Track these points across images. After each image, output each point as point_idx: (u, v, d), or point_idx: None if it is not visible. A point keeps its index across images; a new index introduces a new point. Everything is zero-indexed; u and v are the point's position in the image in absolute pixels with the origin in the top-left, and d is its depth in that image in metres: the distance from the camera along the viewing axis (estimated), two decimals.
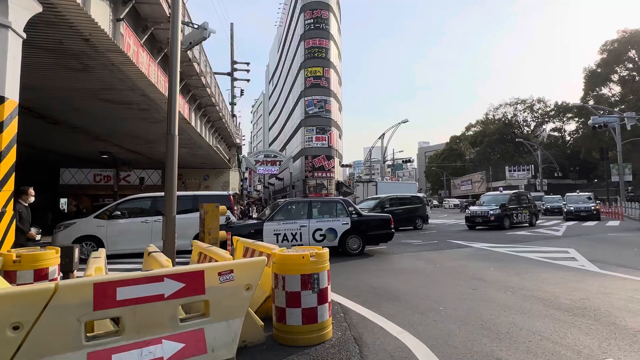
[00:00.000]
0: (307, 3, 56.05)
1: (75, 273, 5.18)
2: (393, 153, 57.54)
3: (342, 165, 57.27)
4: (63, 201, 28.50)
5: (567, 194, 25.12)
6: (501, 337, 3.56)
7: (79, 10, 6.57)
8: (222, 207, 6.44)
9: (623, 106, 42.02)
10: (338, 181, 55.35)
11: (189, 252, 7.23)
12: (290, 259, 3.60)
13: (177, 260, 6.54)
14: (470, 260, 8.31)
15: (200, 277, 2.96)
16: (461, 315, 4.26)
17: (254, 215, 24.79)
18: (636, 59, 47.37)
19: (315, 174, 52.16)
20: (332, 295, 5.11)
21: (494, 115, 68.73)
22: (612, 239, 11.65)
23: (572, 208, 22.00)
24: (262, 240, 8.15)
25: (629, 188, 37.80)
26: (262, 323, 3.71)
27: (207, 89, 16.52)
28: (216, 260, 3.84)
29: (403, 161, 49.22)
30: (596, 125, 27.10)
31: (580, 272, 6.62)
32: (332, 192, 51.02)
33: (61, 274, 4.58)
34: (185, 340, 2.84)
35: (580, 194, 24.53)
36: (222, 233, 6.40)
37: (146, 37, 10.51)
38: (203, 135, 19.46)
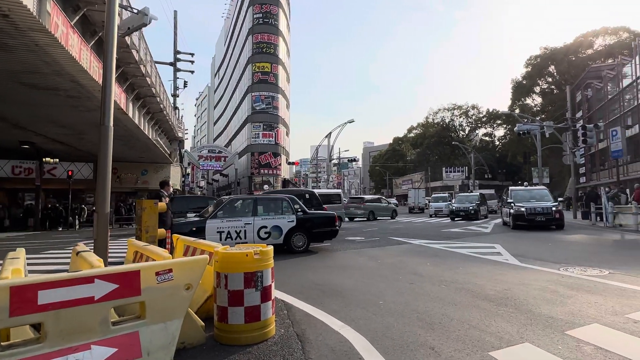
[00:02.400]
0: None
1: None
2: (339, 152, 58.59)
3: (289, 163, 57.20)
4: None
5: (511, 187, 18.52)
6: (434, 327, 3.80)
7: None
8: (162, 204, 6.14)
9: (543, 115, 46.66)
10: (284, 179, 55.17)
11: None
12: (233, 257, 3.53)
13: (110, 260, 6.11)
14: (409, 256, 8.74)
15: (136, 278, 2.80)
16: (399, 309, 4.47)
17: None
18: (555, 73, 52.79)
19: (262, 170, 51.57)
20: (276, 293, 5.09)
21: (433, 119, 72.77)
22: (532, 235, 12.88)
23: (522, 209, 14.69)
24: (205, 239, 7.90)
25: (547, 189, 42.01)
26: (203, 323, 3.60)
27: (147, 78, 15.60)
28: (153, 260, 3.66)
29: (348, 160, 50.27)
30: (520, 132, 29.73)
31: (504, 265, 7.25)
32: (278, 189, 50.69)
33: None
34: (117, 345, 2.68)
35: (531, 188, 18.39)
36: (161, 231, 6.11)
37: (78, 18, 9.67)
38: (141, 128, 18.35)
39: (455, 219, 22.66)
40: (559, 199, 21.97)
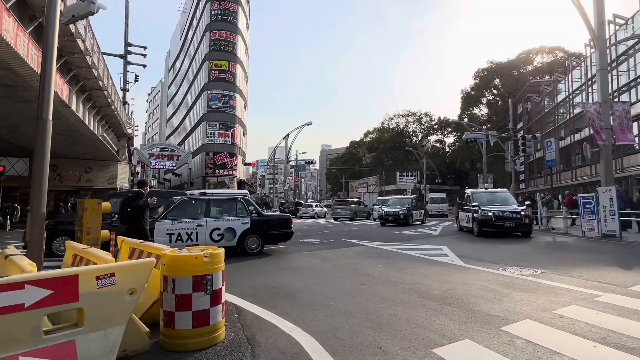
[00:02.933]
0: None
1: None
2: (296, 154, 58.62)
3: (245, 164, 56.29)
4: None
5: (472, 190, 16.91)
6: (383, 327, 3.92)
7: None
8: (106, 204, 5.80)
9: (489, 125, 49.72)
10: (240, 180, 54.18)
11: None
12: (181, 259, 3.42)
13: (47, 264, 5.65)
14: (361, 257, 8.94)
15: (73, 282, 2.63)
16: (349, 310, 4.56)
17: None
18: (500, 86, 56.46)
19: (217, 171, 50.27)
20: (227, 296, 5.00)
21: (388, 125, 74.93)
22: (476, 238, 13.65)
23: (489, 214, 13.11)
24: (153, 241, 7.56)
25: None
26: (148, 329, 3.45)
27: (94, 70, 14.69)
28: (94, 263, 3.45)
29: (306, 162, 50.47)
30: (468, 140, 31.50)
31: (450, 266, 7.63)
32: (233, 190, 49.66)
33: None
34: (50, 356, 2.50)
35: (493, 190, 16.96)
36: (105, 233, 5.77)
37: (13, 0, 8.90)
38: (86, 122, 17.22)
39: (386, 224, 20.68)
40: (527, 202, 19.18)
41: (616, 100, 23.66)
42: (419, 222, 21.97)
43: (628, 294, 5.11)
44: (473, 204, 14.25)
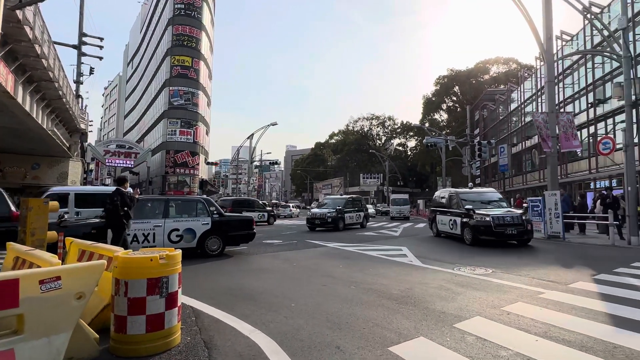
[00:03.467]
0: None
1: None
2: (261, 154, 58.01)
3: (208, 163, 54.94)
4: None
5: (456, 190, 14.17)
6: (342, 327, 3.98)
7: None
8: (54, 203, 5.46)
9: (448, 130, 51.76)
10: (202, 179, 52.78)
11: None
12: (135, 262, 3.29)
13: None
14: (323, 258, 9.00)
15: (13, 287, 2.46)
16: (310, 310, 4.59)
17: None
18: (459, 93, 58.96)
19: (177, 170, 48.70)
20: (184, 299, 4.87)
21: (353, 127, 76.07)
22: (434, 239, 14.15)
23: (487, 219, 10.91)
24: (107, 242, 7.21)
25: None
26: (97, 335, 3.29)
27: (43, 60, 13.79)
28: (39, 266, 3.24)
29: (270, 163, 50.09)
30: (429, 144, 32.70)
31: (408, 266, 7.87)
32: (195, 190, 48.36)
33: None
34: None
35: (481, 190, 14.60)
36: (52, 234, 5.43)
37: None
38: (34, 115, 16.12)
39: (316, 228, 17.73)
40: (524, 204, 16.75)
41: (562, 110, 25.45)
42: (358, 226, 19.51)
43: (569, 291, 5.51)
44: (465, 207, 11.95)
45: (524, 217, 11.42)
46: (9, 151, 23.29)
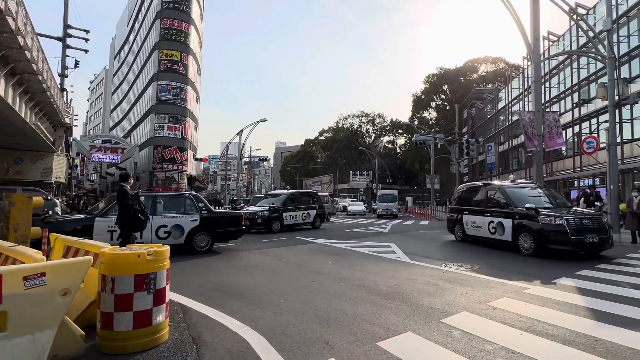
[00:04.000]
0: None
1: None
2: (250, 150, 57.63)
3: (196, 159, 54.40)
4: None
5: (497, 183, 11.42)
6: (330, 322, 4.00)
7: None
8: (38, 199, 5.35)
9: (437, 128, 52.19)
10: (191, 175, 52.29)
11: None
12: (122, 258, 3.26)
13: None
14: (312, 255, 9.02)
15: None
16: (299, 306, 4.60)
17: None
18: (447, 92, 59.46)
19: (165, 166, 48.09)
20: (172, 296, 4.84)
21: (343, 124, 76.08)
22: (422, 235, 14.32)
23: (558, 222, 8.42)
24: (92, 238, 7.10)
25: (437, 194, 47.13)
26: (83, 332, 3.24)
27: (27, 52, 13.46)
28: (22, 262, 3.18)
29: (260, 159, 49.79)
30: (418, 142, 32.89)
31: (397, 263, 7.93)
32: (183, 186, 47.86)
33: None
34: None
35: (527, 184, 11.30)
36: (36, 230, 5.32)
37: None
38: (16, 109, 15.73)
39: (252, 229, 14.31)
40: (596, 202, 13.55)
41: (548, 110, 25.88)
42: (309, 227, 16.72)
43: (553, 287, 5.63)
44: (521, 205, 9.32)
45: (604, 219, 9.05)
46: None
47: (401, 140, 73.28)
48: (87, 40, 25.47)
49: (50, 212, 15.30)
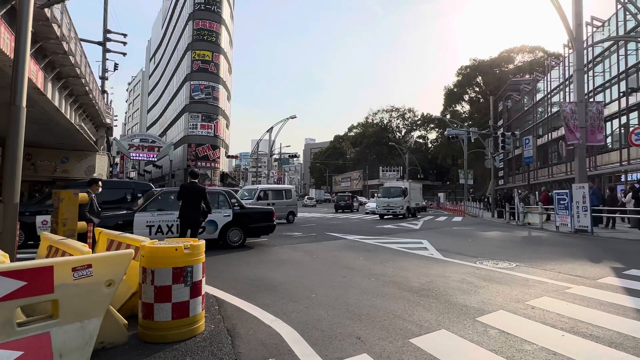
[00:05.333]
0: None
1: None
2: (280, 147, 58.31)
3: (228, 156, 55.66)
4: None
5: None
6: (362, 318, 3.99)
7: None
8: (83, 195, 5.66)
9: (471, 122, 50.57)
10: (223, 172, 53.60)
11: None
12: (161, 251, 3.39)
13: (21, 256, 5.49)
14: (343, 250, 9.02)
15: (48, 274, 2.58)
16: (330, 301, 4.62)
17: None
18: (482, 84, 57.44)
19: (199, 163, 49.52)
20: (207, 288, 4.99)
21: (372, 120, 75.38)
22: (456, 232, 13.98)
23: None
24: (132, 233, 7.44)
25: (471, 190, 45.78)
26: (126, 321, 3.41)
27: (71, 57, 14.20)
28: (71, 254, 3.39)
29: (289, 156, 50.31)
30: (450, 136, 32.05)
31: (429, 259, 7.79)
32: (216, 183, 49.16)
33: None
34: (23, 348, 2.45)
35: None
36: (82, 224, 5.64)
37: None
38: (62, 111, 16.67)
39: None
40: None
41: (591, 100, 24.44)
42: (284, 222, 15.51)
43: (596, 286, 5.34)
44: None
45: None
46: (40, 145, 24.22)
47: (432, 135, 71.74)
48: (125, 43, 26.60)
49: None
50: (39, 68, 12.88)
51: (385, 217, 22.31)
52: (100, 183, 6.65)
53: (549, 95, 33.81)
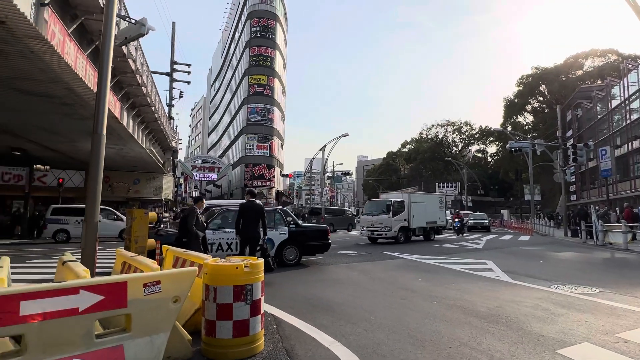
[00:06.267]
0: (254, 11, 55.83)
1: None
2: (333, 165, 58.74)
3: (283, 175, 57.13)
4: None
5: None
6: (425, 344, 3.76)
7: None
8: (152, 214, 6.07)
9: (535, 134, 47.34)
10: (278, 190, 55.02)
11: None
12: (223, 269, 3.48)
13: (98, 270, 5.99)
14: (400, 271, 8.70)
15: (122, 289, 2.75)
16: (390, 324, 4.42)
17: None
18: (546, 93, 53.83)
19: (255, 182, 51.37)
20: (265, 307, 5.02)
21: (427, 135, 73.45)
22: (523, 252, 12.92)
23: None
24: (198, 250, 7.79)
25: (538, 207, 42.44)
26: (190, 337, 3.52)
27: (143, 87, 15.61)
28: (142, 271, 3.60)
29: (342, 174, 50.38)
30: (512, 150, 30.10)
31: (495, 282, 7.23)
32: (271, 201, 50.50)
33: None
34: (100, 359, 2.60)
35: None
36: (151, 241, 6.02)
37: (75, 26, 9.70)
38: (135, 137, 18.28)
39: None
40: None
41: None
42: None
43: None
44: None
45: None
46: (115, 169, 26.68)
47: (492, 149, 68.06)
48: (189, 73, 28.76)
49: (162, 225, 17.32)
50: (117, 99, 14.29)
51: (379, 241, 17.23)
52: (204, 200, 7.19)
53: (627, 101, 30.69)
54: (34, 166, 22.21)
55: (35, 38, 7.68)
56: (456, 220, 23.59)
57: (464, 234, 23.34)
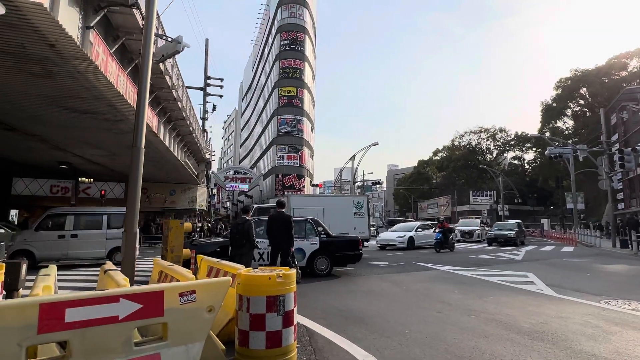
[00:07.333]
0: (283, 24, 57.08)
1: (21, 291, 4.78)
2: (363, 174, 58.33)
3: (313, 185, 57.36)
4: (14, 212, 26.61)
5: None
6: None
7: (45, 15, 6.35)
8: (188, 224, 6.23)
9: (576, 139, 45.02)
10: None
11: None
12: (256, 279, 3.49)
13: (137, 279, 6.20)
14: (435, 282, 8.42)
15: (160, 298, 2.80)
16: (426, 339, 4.26)
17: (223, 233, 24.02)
18: (587, 96, 51.24)
19: (286, 192, 51.86)
20: (298, 318, 4.99)
21: (459, 142, 71.61)
22: (568, 264, 12.20)
23: None
24: (228, 260, 7.91)
25: (582, 216, 40.15)
26: (224, 347, 3.54)
27: (178, 102, 16.24)
28: (177, 280, 3.68)
29: (372, 183, 49.97)
30: (552, 156, 28.74)
31: (538, 296, 6.84)
32: None
33: (4, 293, 4.21)
34: None
35: None
36: (186, 251, 6.17)
37: (117, 46, 10.27)
38: (171, 149, 18.98)
39: None
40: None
41: None
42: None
43: None
44: None
45: None
46: (153, 180, 27.78)
47: (530, 155, 65.34)
48: (221, 87, 29.70)
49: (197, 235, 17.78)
50: (154, 114, 14.93)
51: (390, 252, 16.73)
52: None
53: None
54: (79, 179, 23.59)
55: (82, 59, 8.19)
56: (437, 231, 17.50)
57: (452, 250, 17.38)
